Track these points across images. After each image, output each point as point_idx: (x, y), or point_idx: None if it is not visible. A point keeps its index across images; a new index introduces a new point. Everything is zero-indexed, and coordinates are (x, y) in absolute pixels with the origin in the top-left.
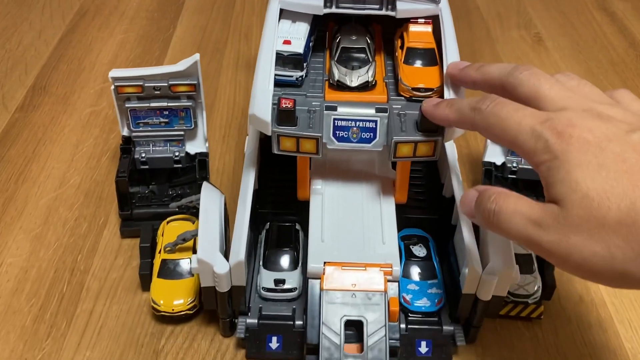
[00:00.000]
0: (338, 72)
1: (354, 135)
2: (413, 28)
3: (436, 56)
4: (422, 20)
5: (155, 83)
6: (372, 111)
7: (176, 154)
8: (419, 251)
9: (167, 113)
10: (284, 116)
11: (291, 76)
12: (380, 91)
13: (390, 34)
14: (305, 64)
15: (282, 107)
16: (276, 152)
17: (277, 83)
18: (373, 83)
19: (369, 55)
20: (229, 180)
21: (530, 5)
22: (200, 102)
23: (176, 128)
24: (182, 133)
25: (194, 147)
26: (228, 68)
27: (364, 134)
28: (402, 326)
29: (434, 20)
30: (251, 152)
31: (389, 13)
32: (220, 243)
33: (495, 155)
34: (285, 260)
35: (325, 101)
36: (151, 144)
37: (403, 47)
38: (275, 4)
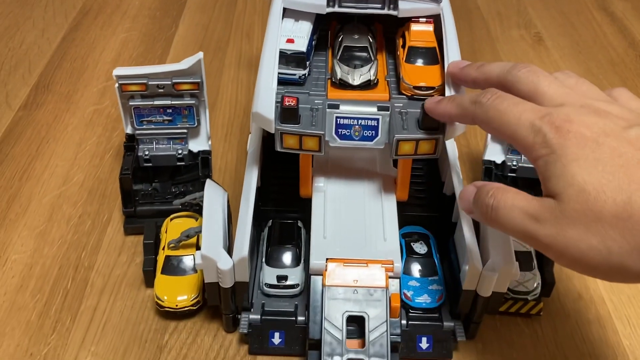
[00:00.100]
0: (340, 71)
1: (356, 133)
2: (415, 27)
3: (437, 55)
4: (424, 19)
5: (158, 81)
6: (374, 109)
7: (179, 152)
8: (420, 248)
9: (171, 111)
10: (287, 114)
11: (294, 74)
12: (382, 90)
13: (392, 33)
14: (308, 63)
15: (285, 105)
16: (279, 150)
17: (280, 81)
18: (375, 82)
19: (371, 54)
20: (231, 178)
21: (530, 5)
22: (203, 101)
23: (179, 126)
24: (185, 131)
25: (197, 145)
26: (230, 67)
27: (366, 132)
28: (403, 322)
29: (436, 19)
30: (254, 150)
31: (391, 12)
32: (223, 240)
33: (495, 153)
34: (287, 257)
35: (327, 99)
36: (154, 142)
37: (405, 46)
38: (278, 3)
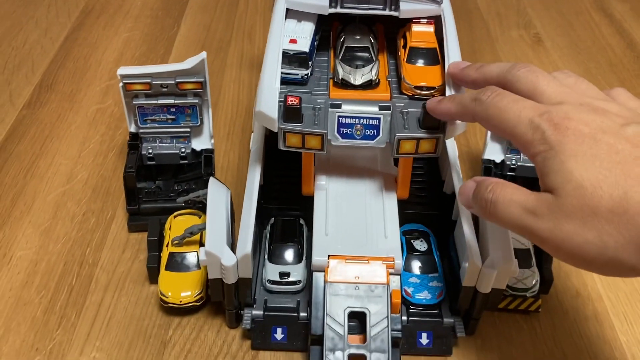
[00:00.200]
0: (342, 71)
1: (358, 132)
2: (416, 28)
3: (438, 55)
4: (425, 20)
5: (162, 80)
6: (376, 109)
7: (182, 150)
8: (420, 245)
9: (174, 110)
10: (290, 113)
11: (297, 74)
12: (383, 89)
13: (393, 34)
14: (310, 63)
15: (289, 105)
16: (282, 148)
17: (283, 81)
18: (376, 81)
19: (373, 54)
20: (234, 176)
21: (529, 5)
22: (206, 100)
23: (182, 125)
24: (189, 130)
25: (200, 144)
26: (232, 67)
27: (368, 131)
28: (404, 318)
29: (436, 20)
30: (257, 149)
31: (392, 13)
32: (227, 237)
33: (494, 153)
34: (289, 253)
35: (329, 99)
36: (158, 141)
37: (406, 47)
38: (281, 4)
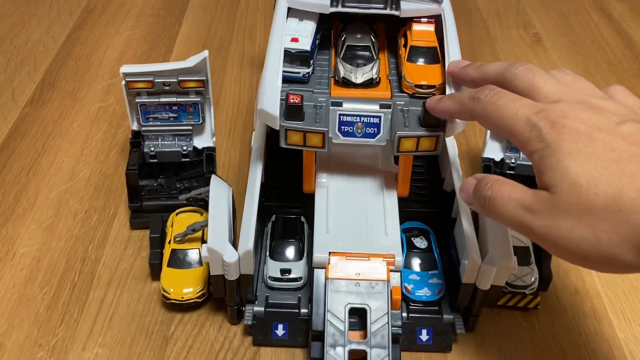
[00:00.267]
0: (343, 69)
1: (359, 130)
2: (416, 27)
3: (438, 54)
4: (425, 19)
5: (165, 79)
6: (376, 107)
7: (184, 148)
8: (420, 243)
9: (176, 108)
10: (292, 111)
11: (298, 73)
12: (384, 88)
13: (393, 33)
14: (312, 61)
15: (290, 103)
16: (283, 146)
17: (285, 79)
18: (377, 80)
19: (374, 53)
20: (235, 174)
21: (529, 5)
22: (208, 98)
23: (184, 123)
24: (190, 128)
25: (202, 142)
26: (233, 66)
27: (368, 129)
28: (404, 315)
29: (437, 19)
30: (258, 147)
31: (393, 12)
32: (229, 233)
33: (494, 151)
34: (290, 250)
35: (331, 97)
36: (160, 139)
37: (406, 46)
38: (283, 3)
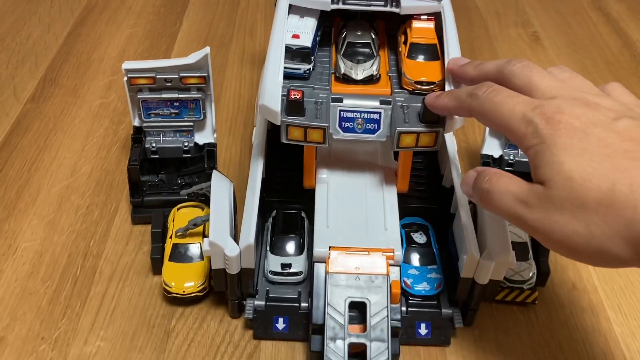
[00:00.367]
0: (344, 66)
1: (359, 126)
2: (416, 24)
3: (438, 51)
4: (425, 16)
5: (166, 75)
6: (377, 103)
7: (185, 144)
8: (419, 238)
9: (177, 104)
10: (293, 107)
11: (299, 69)
12: (384, 84)
13: (394, 30)
14: (312, 58)
15: (291, 98)
16: (284, 141)
17: (286, 75)
18: (377, 76)
19: (374, 49)
20: (235, 171)
21: (528, 4)
22: (209, 94)
23: (186, 119)
24: (192, 124)
25: (203, 138)
26: (233, 63)
27: (369, 125)
28: (403, 309)
29: (436, 17)
30: (259, 143)
31: (393, 10)
32: (230, 228)
33: (493, 148)
34: (291, 245)
35: (331, 93)
36: (161, 134)
37: (406, 43)
38: (284, 0)
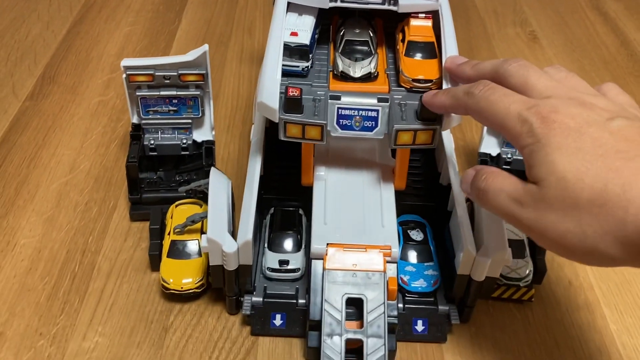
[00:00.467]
0: (342, 64)
1: (357, 123)
2: (414, 22)
3: (435, 49)
4: (423, 15)
5: (165, 72)
6: (374, 101)
7: (184, 142)
8: (416, 235)
9: (176, 102)
10: (291, 104)
11: (297, 66)
12: (382, 82)
13: (391, 28)
14: (311, 55)
15: (289, 96)
16: (282, 139)
17: (284, 73)
18: (375, 74)
19: (372, 47)
20: (234, 168)
21: (526, 3)
22: (208, 92)
23: (184, 116)
24: (190, 121)
25: (201, 135)
26: (232, 61)
27: (366, 123)
28: (400, 305)
29: (434, 15)
30: (257, 140)
31: (391, 8)
32: (228, 224)
33: (490, 146)
34: (289, 242)
35: (329, 91)
36: (160, 132)
37: (404, 41)
38: None
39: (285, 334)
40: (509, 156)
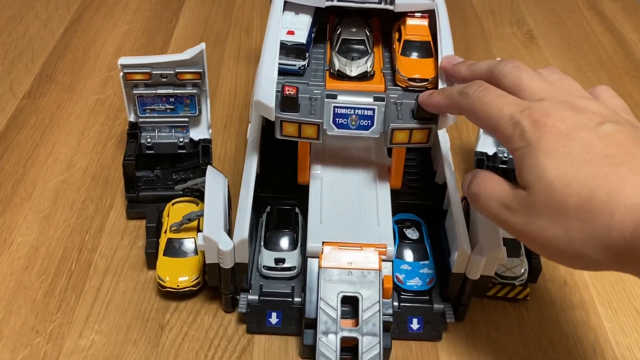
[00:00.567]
0: (338, 62)
1: (353, 122)
2: (410, 21)
3: (432, 48)
4: (419, 14)
5: (162, 70)
6: (370, 100)
7: (181, 140)
8: (412, 234)
9: (173, 100)
10: (287, 103)
11: (294, 65)
12: (378, 81)
13: (388, 27)
14: (307, 54)
15: (286, 94)
16: (279, 137)
17: (281, 71)
18: (371, 73)
19: (368, 46)
20: (230, 167)
21: (523, 3)
22: (204, 90)
23: (181, 115)
24: (187, 120)
25: (198, 134)
26: (229, 60)
27: (362, 122)
28: (395, 304)
29: (430, 14)
30: (254, 139)
31: (388, 7)
32: (224, 223)
33: (487, 145)
34: (285, 241)
35: (326, 90)
36: (157, 130)
37: (400, 40)
38: None
39: (281, 332)
40: (505, 155)
